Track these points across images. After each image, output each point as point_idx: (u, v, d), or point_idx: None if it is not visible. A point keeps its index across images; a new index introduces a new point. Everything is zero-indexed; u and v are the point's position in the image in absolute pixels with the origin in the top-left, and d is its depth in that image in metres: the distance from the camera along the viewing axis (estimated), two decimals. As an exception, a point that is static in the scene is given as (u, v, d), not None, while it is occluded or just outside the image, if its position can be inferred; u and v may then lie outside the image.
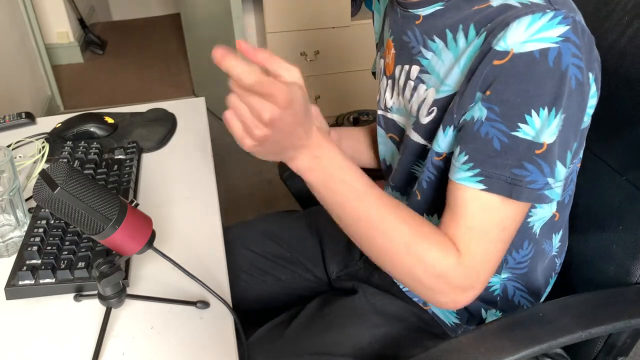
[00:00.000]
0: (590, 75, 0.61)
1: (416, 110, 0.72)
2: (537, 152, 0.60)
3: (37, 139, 1.02)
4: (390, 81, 0.78)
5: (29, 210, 0.82)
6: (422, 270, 0.63)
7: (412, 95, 0.72)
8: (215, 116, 2.59)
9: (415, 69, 0.72)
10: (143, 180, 0.93)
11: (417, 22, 0.70)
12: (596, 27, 0.78)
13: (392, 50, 0.76)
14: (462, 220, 0.63)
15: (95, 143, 0.96)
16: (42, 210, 0.78)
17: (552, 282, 0.84)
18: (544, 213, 0.74)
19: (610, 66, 0.76)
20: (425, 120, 0.70)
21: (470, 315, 0.81)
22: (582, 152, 0.72)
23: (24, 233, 0.77)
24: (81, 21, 3.34)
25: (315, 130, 0.61)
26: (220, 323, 0.67)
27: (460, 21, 0.65)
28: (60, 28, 3.18)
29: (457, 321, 0.82)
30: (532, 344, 0.65)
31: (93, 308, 0.69)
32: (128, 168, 0.91)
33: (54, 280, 0.70)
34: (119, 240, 0.61)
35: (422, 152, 0.73)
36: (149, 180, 0.93)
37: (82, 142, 0.96)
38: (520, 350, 0.64)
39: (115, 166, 0.91)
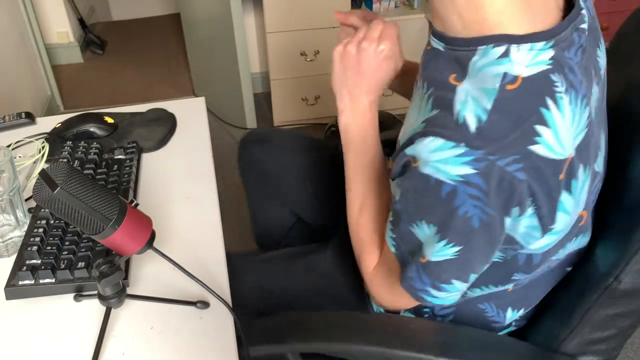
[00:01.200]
0: (511, 216, 0.56)
1: None
2: (421, 260, 0.62)
3: (37, 139, 1.02)
4: None
5: (29, 210, 0.82)
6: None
7: None
8: (216, 116, 2.59)
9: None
10: (143, 180, 0.93)
11: (427, 48, 0.67)
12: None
13: None
14: (383, 256, 0.75)
15: (95, 143, 0.96)
16: (42, 210, 0.78)
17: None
18: (488, 291, 0.73)
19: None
20: None
21: None
22: (557, 255, 0.67)
23: (24, 233, 0.77)
24: (81, 21, 3.34)
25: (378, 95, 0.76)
26: (220, 323, 0.67)
27: (435, 80, 0.62)
28: (60, 28, 3.18)
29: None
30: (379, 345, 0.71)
31: (93, 308, 0.69)
32: (128, 168, 0.91)
33: (53, 280, 0.70)
34: (118, 240, 0.61)
35: None
36: (149, 180, 0.93)
37: (82, 142, 0.96)
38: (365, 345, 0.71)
39: (115, 166, 0.91)
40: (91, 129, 1.03)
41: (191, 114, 1.11)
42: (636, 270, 0.62)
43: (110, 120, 1.05)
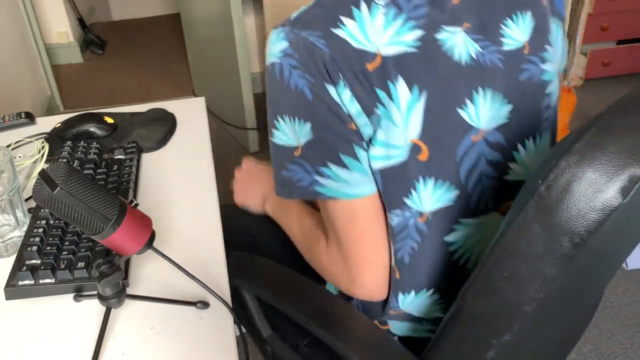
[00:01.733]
0: (332, 85, 0.62)
1: None
2: (296, 154, 0.67)
3: (36, 139, 1.02)
4: None
5: (29, 210, 0.81)
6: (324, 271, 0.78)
7: None
8: (216, 116, 2.59)
9: None
10: (143, 180, 0.93)
11: None
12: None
13: None
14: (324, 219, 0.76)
15: (95, 143, 0.96)
16: (42, 210, 0.78)
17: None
18: None
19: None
20: None
21: None
22: (412, 201, 0.67)
23: (24, 233, 0.77)
24: (81, 21, 3.34)
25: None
26: (220, 323, 0.67)
27: None
28: (60, 28, 3.18)
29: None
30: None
31: (93, 308, 0.69)
32: (128, 168, 0.91)
33: (53, 281, 0.70)
34: (118, 241, 0.61)
35: None
36: (148, 180, 0.93)
37: (82, 142, 0.96)
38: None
39: (115, 166, 0.91)
40: (91, 129, 1.03)
41: (191, 114, 1.11)
42: (480, 293, 0.59)
43: (110, 120, 1.05)
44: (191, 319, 0.68)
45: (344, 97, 0.62)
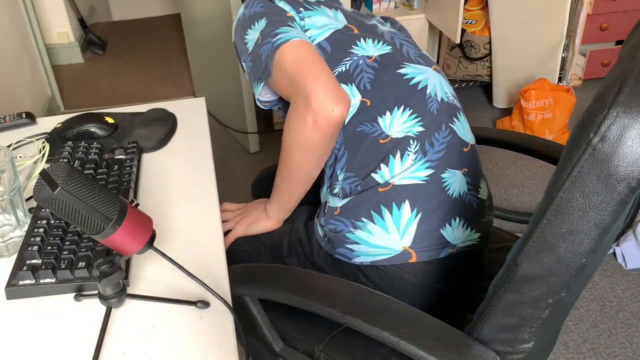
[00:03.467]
0: (275, 3, 0.94)
1: None
2: (259, 42, 0.89)
3: (37, 139, 1.02)
4: None
5: (30, 210, 0.82)
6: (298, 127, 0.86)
7: None
8: (215, 118, 2.59)
9: None
10: (143, 180, 0.93)
11: None
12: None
13: None
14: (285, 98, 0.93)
15: (95, 143, 0.96)
16: (43, 210, 0.79)
17: (387, 168, 0.90)
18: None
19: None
20: None
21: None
22: (354, 50, 0.93)
23: (25, 233, 0.77)
24: (81, 21, 3.34)
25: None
26: (220, 323, 0.67)
27: None
28: (61, 28, 3.18)
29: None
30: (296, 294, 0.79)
31: (93, 308, 0.69)
32: (128, 168, 0.91)
33: (54, 280, 0.70)
34: (119, 240, 0.61)
35: None
36: (149, 180, 0.93)
37: (83, 142, 0.96)
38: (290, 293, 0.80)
39: (116, 166, 0.91)
40: (91, 129, 1.03)
41: (191, 114, 1.11)
42: (533, 254, 0.61)
43: (110, 120, 1.05)
44: (191, 318, 0.68)
45: (281, 4, 0.94)
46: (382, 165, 0.89)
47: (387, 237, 0.88)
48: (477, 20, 2.44)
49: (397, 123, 0.90)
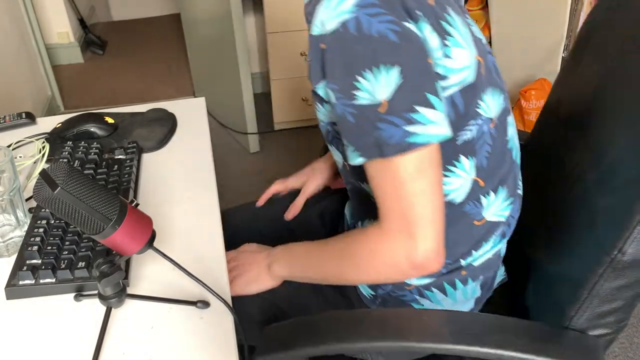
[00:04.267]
0: (411, 23, 0.64)
1: None
2: (380, 110, 0.64)
3: (37, 139, 1.02)
4: None
5: (29, 210, 0.82)
6: (379, 275, 0.74)
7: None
8: (215, 118, 2.59)
9: None
10: (143, 180, 0.93)
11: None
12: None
13: None
14: (376, 195, 0.70)
15: (95, 143, 0.96)
16: (43, 210, 0.78)
17: (477, 254, 0.82)
18: (458, 181, 0.75)
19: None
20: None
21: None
22: (481, 110, 0.74)
23: (24, 233, 0.77)
24: (81, 21, 3.34)
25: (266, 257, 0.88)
26: (220, 323, 0.67)
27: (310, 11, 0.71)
28: (61, 28, 3.18)
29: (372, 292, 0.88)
30: (400, 339, 0.71)
31: (93, 308, 0.69)
32: (128, 168, 0.91)
33: (54, 280, 0.70)
34: (119, 240, 0.61)
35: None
36: (149, 180, 0.93)
37: (82, 142, 0.96)
38: (390, 341, 0.71)
39: (116, 166, 0.91)
40: (91, 129, 1.03)
41: (191, 114, 1.11)
42: (638, 239, 0.65)
43: (110, 120, 1.05)
44: (191, 318, 0.68)
45: (426, 32, 0.65)
46: (473, 251, 0.81)
47: (452, 304, 0.85)
48: (477, 20, 2.45)
49: (496, 206, 0.80)
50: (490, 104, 0.75)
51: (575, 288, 0.72)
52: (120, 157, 0.95)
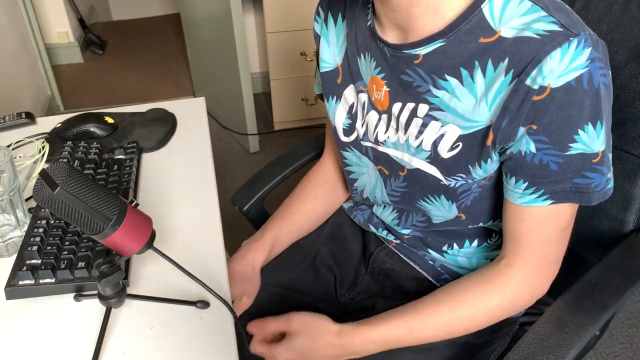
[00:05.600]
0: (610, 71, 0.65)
1: (431, 145, 0.73)
2: (594, 161, 0.65)
3: (37, 139, 1.02)
4: (385, 116, 0.77)
5: (29, 210, 0.82)
6: (494, 316, 0.75)
7: (420, 132, 0.73)
8: (214, 119, 2.59)
9: (423, 107, 0.71)
10: (143, 180, 0.93)
11: (416, 62, 0.69)
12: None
13: (385, 88, 0.75)
14: (525, 236, 0.70)
15: (95, 143, 0.96)
16: (42, 210, 0.78)
17: None
18: None
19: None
20: (447, 155, 0.72)
21: None
22: None
23: (24, 233, 0.77)
24: (81, 21, 3.34)
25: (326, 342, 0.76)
26: (220, 323, 0.67)
27: (473, 57, 0.65)
28: (60, 28, 3.18)
29: None
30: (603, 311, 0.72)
31: (93, 308, 0.69)
32: (128, 168, 0.91)
33: (54, 280, 0.70)
34: (119, 240, 0.61)
35: (436, 185, 0.76)
36: (149, 180, 0.93)
37: (82, 142, 0.96)
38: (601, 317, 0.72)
39: (115, 166, 0.91)
40: (91, 129, 1.03)
41: (191, 114, 1.11)
42: None
43: (110, 120, 1.05)
44: (191, 318, 0.68)
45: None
46: None
47: None
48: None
49: None
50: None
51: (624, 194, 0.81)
52: (120, 157, 0.95)
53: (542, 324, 0.71)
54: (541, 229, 0.69)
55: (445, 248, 0.87)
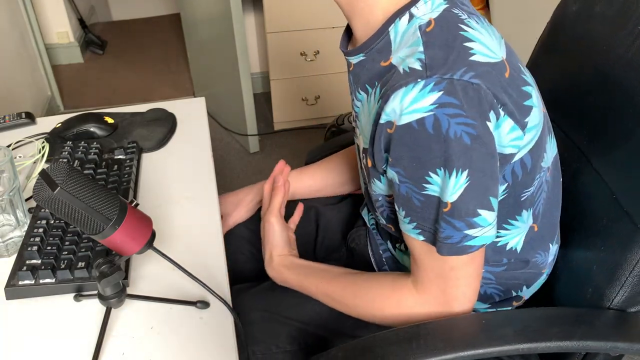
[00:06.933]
0: (492, 121, 0.61)
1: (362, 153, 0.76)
2: (445, 210, 0.63)
3: (37, 139, 1.02)
4: None
5: (29, 210, 0.82)
6: (387, 320, 0.74)
7: (357, 138, 0.77)
8: (214, 119, 2.59)
9: (354, 113, 0.76)
10: (143, 180, 0.93)
11: (350, 69, 0.73)
12: (610, 36, 0.80)
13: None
14: (418, 264, 0.70)
15: (95, 143, 0.96)
16: (42, 210, 0.78)
17: (528, 290, 0.83)
18: (517, 231, 0.74)
19: (616, 77, 0.77)
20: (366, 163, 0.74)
21: None
22: (544, 163, 0.72)
23: (24, 233, 0.77)
24: (81, 21, 3.34)
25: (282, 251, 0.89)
26: (220, 323, 0.67)
27: (374, 78, 0.67)
28: (60, 28, 3.18)
29: None
30: (467, 348, 0.66)
31: (93, 308, 0.69)
32: (128, 168, 0.91)
33: (54, 280, 0.70)
34: (119, 240, 0.61)
35: (366, 190, 0.81)
36: (149, 180, 0.93)
37: (82, 142, 0.96)
38: (458, 351, 0.65)
39: (115, 166, 0.91)
40: (91, 129, 1.03)
41: (191, 114, 1.11)
42: None
43: (110, 120, 1.05)
44: (191, 319, 0.68)
45: (504, 129, 0.63)
46: (524, 287, 0.81)
47: None
48: (477, 20, 2.44)
49: (551, 255, 0.81)
50: (549, 152, 0.73)
51: (614, 270, 0.72)
52: (120, 157, 0.94)
53: (394, 332, 0.70)
54: (430, 264, 0.68)
55: (398, 244, 0.88)
